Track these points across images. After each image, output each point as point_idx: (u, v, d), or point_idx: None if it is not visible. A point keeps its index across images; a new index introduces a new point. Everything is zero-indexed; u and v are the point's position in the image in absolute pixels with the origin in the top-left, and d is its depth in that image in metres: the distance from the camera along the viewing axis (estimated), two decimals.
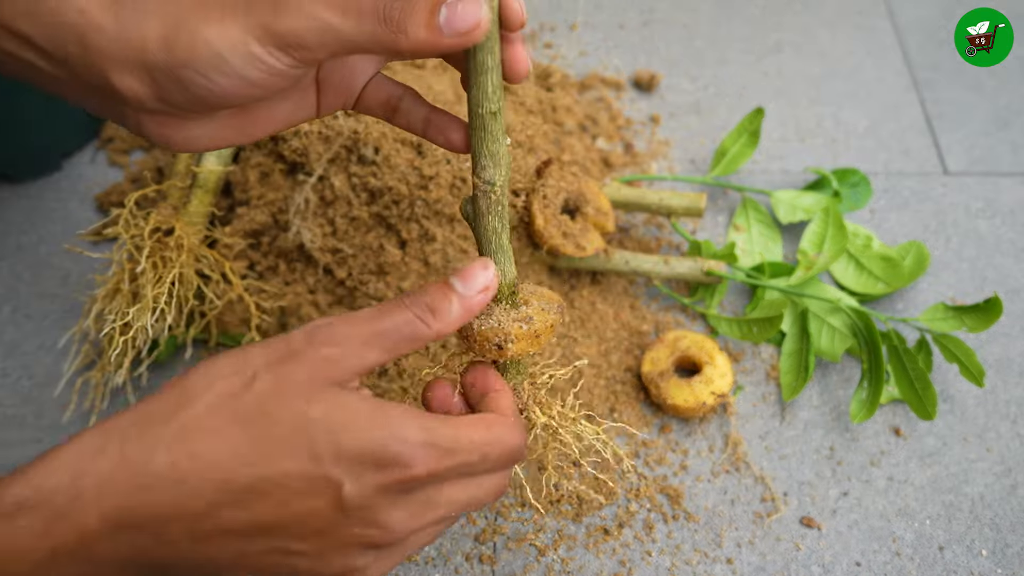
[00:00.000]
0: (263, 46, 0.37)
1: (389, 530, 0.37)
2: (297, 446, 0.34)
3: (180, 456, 0.34)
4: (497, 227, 0.44)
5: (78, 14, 0.37)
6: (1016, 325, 0.69)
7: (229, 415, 0.34)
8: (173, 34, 0.37)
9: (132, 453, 0.34)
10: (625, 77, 0.85)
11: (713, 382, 0.63)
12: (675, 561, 0.58)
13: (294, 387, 0.35)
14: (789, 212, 0.73)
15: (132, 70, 0.38)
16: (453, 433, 0.37)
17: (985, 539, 0.59)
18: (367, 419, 0.35)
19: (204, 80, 0.37)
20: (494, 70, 0.39)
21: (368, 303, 0.64)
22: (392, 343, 0.38)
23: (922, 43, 0.88)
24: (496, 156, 0.42)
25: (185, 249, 0.60)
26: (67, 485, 0.33)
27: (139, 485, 0.33)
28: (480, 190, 0.42)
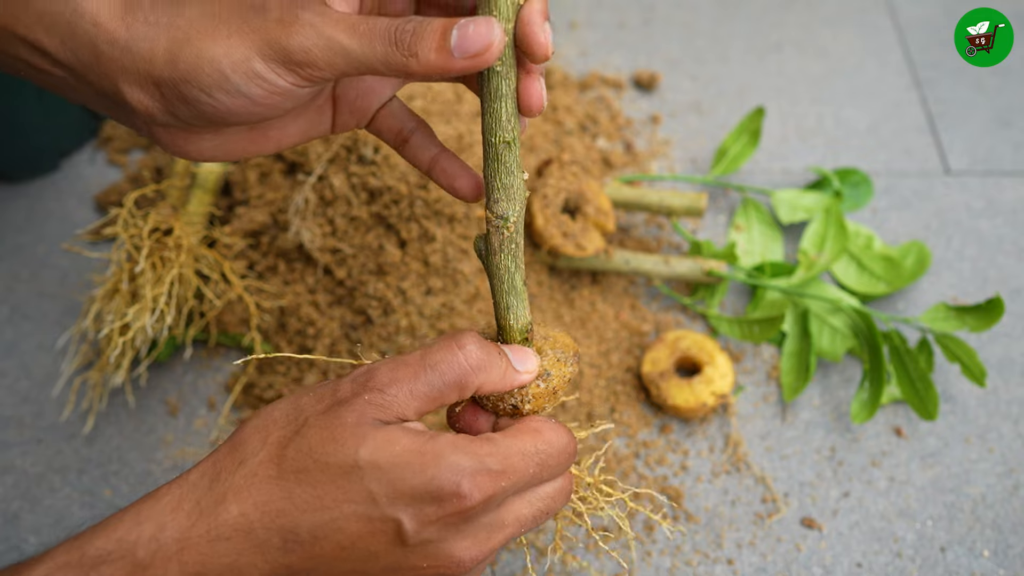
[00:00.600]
0: (267, 63, 0.36)
1: (457, 560, 0.37)
2: (352, 490, 0.35)
3: (247, 506, 0.35)
4: (510, 266, 0.41)
5: (92, 25, 0.38)
6: (1018, 325, 0.69)
7: (286, 464, 0.36)
8: (178, 49, 0.37)
9: (206, 505, 0.35)
10: (625, 76, 0.85)
11: (714, 382, 0.63)
12: (675, 562, 0.58)
13: (343, 430, 0.36)
14: (790, 212, 0.73)
15: (141, 83, 0.38)
16: (504, 452, 0.38)
17: (987, 540, 0.58)
18: (417, 455, 0.36)
19: (207, 97, 0.37)
20: (508, 97, 0.37)
21: (368, 303, 0.64)
22: (437, 392, 0.38)
23: (923, 42, 0.88)
24: (510, 190, 0.39)
25: (184, 249, 0.59)
26: (148, 538, 0.34)
27: (215, 536, 0.35)
28: (492, 225, 0.40)
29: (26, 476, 0.61)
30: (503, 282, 0.42)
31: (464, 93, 0.73)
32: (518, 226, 0.40)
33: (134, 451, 0.62)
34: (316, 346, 0.64)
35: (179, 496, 0.36)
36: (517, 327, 0.43)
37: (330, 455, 0.35)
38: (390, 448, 0.36)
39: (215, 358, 0.67)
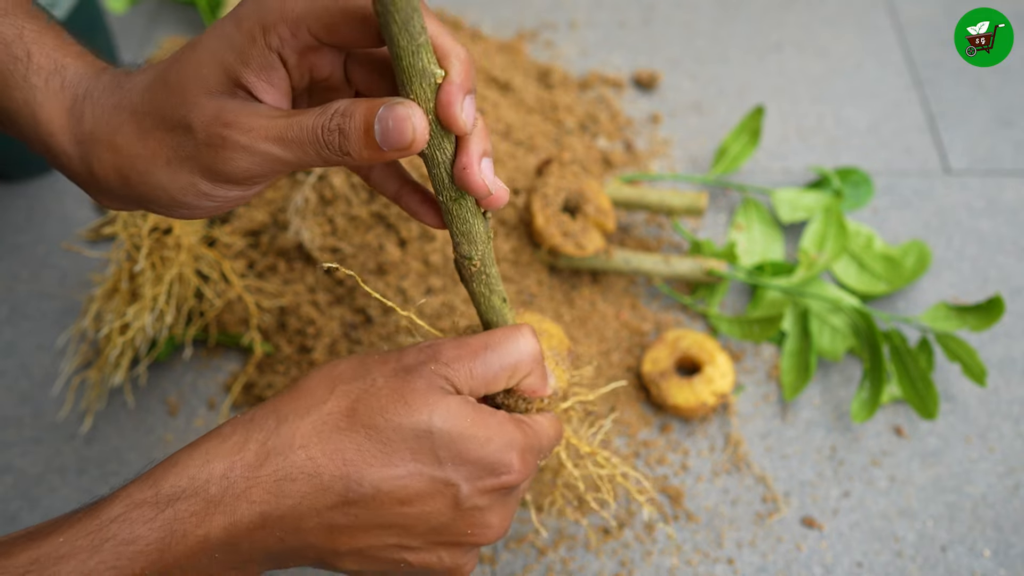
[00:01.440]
0: (212, 183, 0.37)
1: (490, 529, 0.40)
2: (421, 451, 0.37)
3: (316, 452, 0.36)
4: (485, 292, 0.43)
5: (48, 136, 0.39)
6: (1018, 324, 0.69)
7: (357, 419, 0.37)
8: (127, 173, 0.38)
9: (273, 446, 0.36)
10: (626, 76, 0.85)
11: (714, 382, 0.63)
12: (676, 561, 0.58)
13: (415, 395, 0.38)
14: (790, 211, 0.73)
15: (103, 194, 0.39)
16: (537, 434, 0.41)
17: (987, 539, 0.58)
18: (483, 428, 0.38)
19: (167, 211, 0.39)
20: (445, 164, 0.37)
21: (368, 303, 0.64)
22: (492, 377, 0.41)
23: (924, 41, 0.88)
24: (469, 235, 0.40)
25: (184, 248, 0.59)
26: (219, 476, 0.36)
27: (283, 476, 0.36)
28: (459, 263, 0.42)
29: (25, 476, 0.61)
30: (480, 304, 0.44)
31: None
32: (484, 261, 0.42)
33: (133, 451, 0.62)
34: (316, 345, 0.64)
35: (245, 436, 0.37)
36: None
37: (403, 416, 0.37)
38: (462, 419, 0.38)
39: (215, 358, 0.67)
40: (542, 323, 0.49)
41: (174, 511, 0.35)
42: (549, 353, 0.46)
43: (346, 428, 0.37)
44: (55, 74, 0.38)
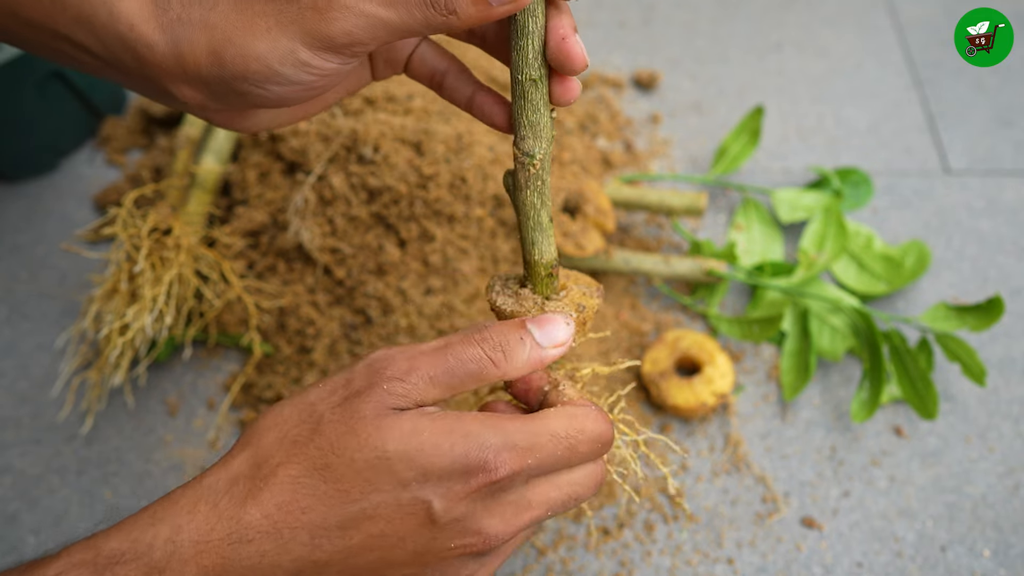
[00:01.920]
0: (313, 51, 0.37)
1: (485, 536, 0.37)
2: (379, 480, 0.35)
3: (270, 508, 0.35)
4: (536, 203, 0.42)
5: (128, 29, 0.38)
6: (1018, 324, 0.69)
7: (307, 464, 0.36)
8: (221, 49, 0.37)
9: (225, 508, 0.35)
10: (625, 76, 0.85)
11: (714, 382, 0.63)
12: (675, 561, 0.58)
13: (363, 424, 0.36)
14: (790, 211, 0.73)
15: (189, 82, 0.38)
16: (532, 429, 0.38)
17: (987, 539, 0.58)
18: (445, 436, 0.36)
19: (259, 90, 0.38)
20: (535, 35, 0.38)
21: (368, 303, 0.64)
22: (458, 380, 0.38)
23: (924, 41, 0.88)
24: (536, 127, 0.40)
25: (183, 249, 0.59)
26: (164, 540, 0.34)
27: (237, 539, 0.35)
28: (519, 162, 0.41)
29: (25, 477, 0.61)
30: (529, 218, 0.42)
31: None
32: (544, 163, 0.41)
33: (133, 451, 0.62)
34: (316, 346, 0.64)
35: (194, 499, 0.35)
36: (543, 262, 0.43)
37: (353, 450, 0.36)
38: (417, 435, 0.36)
39: (214, 358, 0.67)
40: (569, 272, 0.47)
41: (112, 574, 0.34)
42: (572, 284, 0.44)
43: (298, 475, 0.35)
44: None
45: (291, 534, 0.35)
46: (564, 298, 0.43)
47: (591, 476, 0.41)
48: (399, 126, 0.65)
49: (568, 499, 0.40)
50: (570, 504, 0.40)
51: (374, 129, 0.64)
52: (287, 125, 0.44)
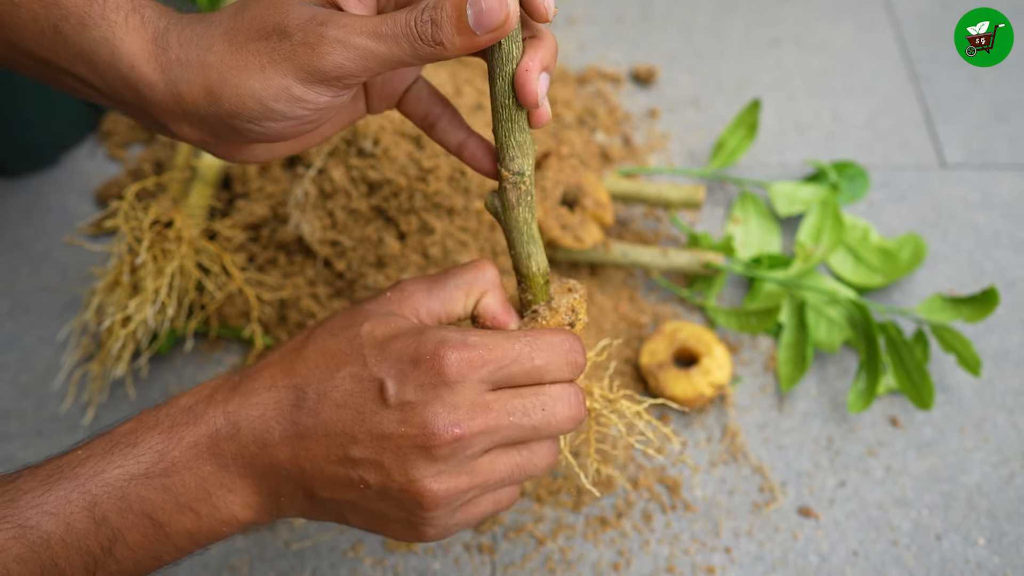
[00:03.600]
0: (306, 86, 0.38)
1: (431, 429, 0.38)
2: (353, 356, 0.40)
3: (275, 372, 0.41)
4: (528, 217, 0.43)
5: (129, 69, 0.39)
6: (1013, 316, 0.69)
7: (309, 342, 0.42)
8: (218, 88, 0.38)
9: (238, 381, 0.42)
10: (623, 71, 0.86)
11: (711, 373, 0.63)
12: (674, 551, 0.58)
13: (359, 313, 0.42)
14: (787, 204, 0.73)
15: (187, 121, 0.40)
16: (494, 336, 0.40)
17: (982, 528, 0.59)
18: (409, 329, 0.41)
19: (255, 127, 0.39)
20: (519, 59, 0.39)
21: (367, 295, 0.64)
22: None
23: (920, 36, 0.89)
24: (523, 146, 0.41)
25: (185, 241, 0.60)
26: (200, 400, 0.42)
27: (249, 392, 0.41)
28: (509, 182, 0.42)
29: None
30: (523, 234, 0.44)
31: (464, 86, 0.73)
32: (531, 179, 0.42)
33: None
34: None
35: (213, 385, 0.42)
36: (540, 272, 0.45)
37: (345, 329, 0.41)
38: (391, 324, 0.41)
39: (216, 350, 0.67)
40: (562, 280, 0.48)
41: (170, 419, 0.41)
42: (558, 280, 0.46)
43: (300, 348, 0.42)
44: (133, 12, 0.39)
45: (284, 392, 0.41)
46: (560, 307, 0.45)
47: (561, 396, 0.41)
48: (399, 119, 0.66)
49: (529, 409, 0.40)
50: (535, 416, 0.40)
51: (374, 123, 0.65)
52: (285, 156, 0.46)
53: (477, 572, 0.57)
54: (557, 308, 0.44)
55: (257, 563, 0.58)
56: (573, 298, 0.45)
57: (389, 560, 0.58)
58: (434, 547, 0.58)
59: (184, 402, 0.41)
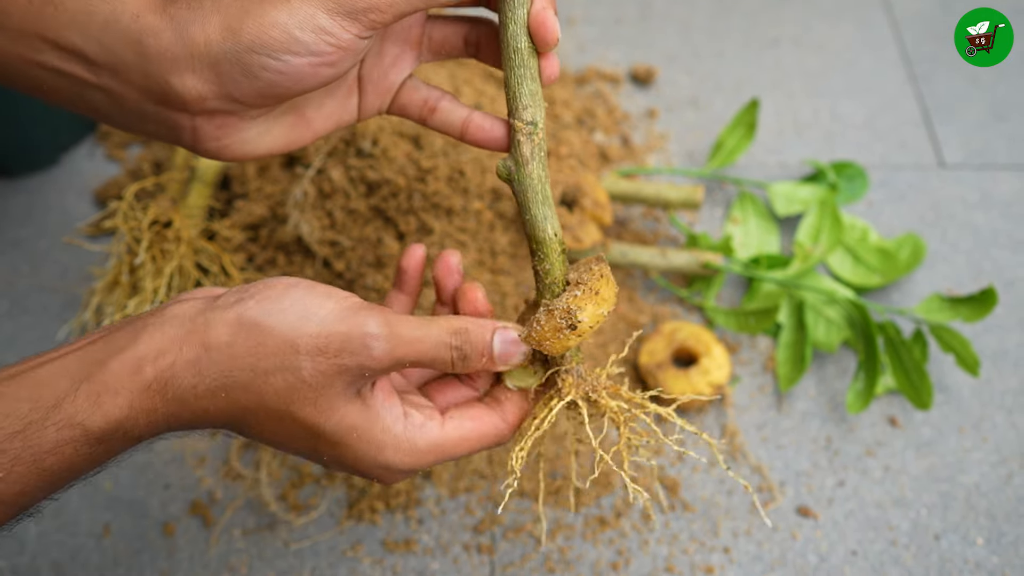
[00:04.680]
0: (331, 16, 0.38)
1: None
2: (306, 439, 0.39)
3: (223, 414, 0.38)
4: (542, 175, 0.41)
5: (132, 19, 0.38)
6: (1011, 316, 0.69)
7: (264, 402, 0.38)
8: (238, 23, 0.38)
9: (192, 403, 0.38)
10: (623, 71, 0.86)
11: (710, 373, 0.63)
12: (672, 550, 0.58)
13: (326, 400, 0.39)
14: (786, 204, 0.73)
15: (194, 68, 0.39)
16: (435, 459, 0.41)
17: (980, 528, 0.59)
18: (366, 444, 0.39)
19: (275, 62, 0.38)
20: (529, 2, 0.39)
21: (367, 295, 0.64)
22: (418, 366, 0.40)
23: (919, 36, 0.89)
24: (536, 96, 0.40)
25: (184, 241, 0.60)
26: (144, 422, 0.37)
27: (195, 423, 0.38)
28: (523, 133, 0.41)
29: None
30: (537, 192, 0.41)
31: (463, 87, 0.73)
32: (544, 134, 0.41)
33: None
34: None
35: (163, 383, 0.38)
36: (557, 238, 0.42)
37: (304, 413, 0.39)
38: (350, 434, 0.39)
39: None
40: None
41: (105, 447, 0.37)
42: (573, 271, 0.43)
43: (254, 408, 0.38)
44: None
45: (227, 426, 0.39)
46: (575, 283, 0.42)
47: None
48: (397, 120, 0.66)
49: None
50: None
51: (372, 123, 0.65)
52: (274, 151, 0.44)
53: (476, 572, 0.57)
54: (552, 311, 0.41)
55: (256, 563, 0.58)
56: (573, 295, 0.41)
57: (388, 560, 0.58)
58: (432, 547, 0.58)
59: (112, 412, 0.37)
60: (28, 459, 0.36)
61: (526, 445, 0.43)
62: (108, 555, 0.58)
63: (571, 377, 0.43)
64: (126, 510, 0.60)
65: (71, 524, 0.59)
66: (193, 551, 0.58)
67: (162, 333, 0.38)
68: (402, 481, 0.45)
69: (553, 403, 0.43)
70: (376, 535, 0.59)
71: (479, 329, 0.41)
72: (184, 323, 0.38)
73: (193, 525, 0.59)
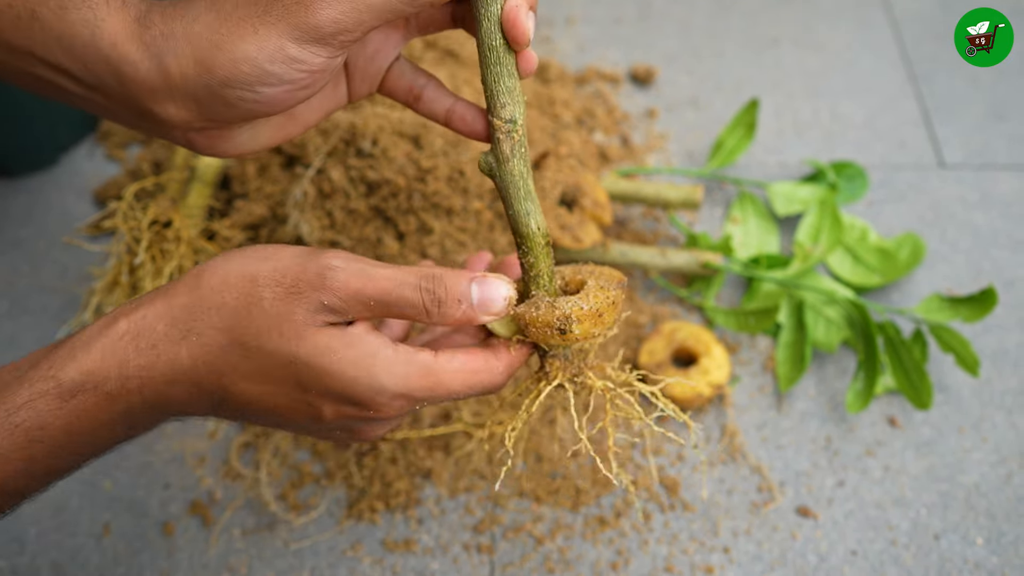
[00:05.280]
0: (301, 45, 0.38)
1: (367, 436, 0.43)
2: (287, 377, 0.39)
3: (198, 363, 0.39)
4: (523, 171, 0.42)
5: (111, 48, 0.39)
6: (1011, 316, 0.69)
7: (234, 337, 0.39)
8: (210, 58, 0.38)
9: (163, 349, 0.39)
10: (622, 71, 0.86)
11: (710, 373, 0.63)
12: (672, 550, 0.58)
13: (291, 326, 0.38)
14: (786, 204, 0.73)
15: (174, 98, 0.39)
16: (431, 385, 0.40)
17: (980, 528, 0.59)
18: (350, 365, 0.39)
19: (250, 94, 0.39)
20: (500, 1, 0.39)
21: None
22: (391, 314, 0.40)
23: (919, 36, 0.89)
24: (514, 93, 0.40)
25: (183, 241, 0.60)
26: (116, 374, 0.39)
27: (170, 380, 0.39)
28: (502, 131, 0.41)
29: None
30: (519, 189, 0.42)
31: (462, 87, 0.73)
32: (524, 130, 0.41)
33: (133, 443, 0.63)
34: None
35: (135, 333, 0.39)
36: (540, 232, 0.43)
37: (275, 343, 0.38)
38: (329, 355, 0.38)
39: None
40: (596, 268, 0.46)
41: (77, 402, 0.38)
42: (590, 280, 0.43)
43: (224, 344, 0.39)
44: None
45: (209, 387, 0.40)
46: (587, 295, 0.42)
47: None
48: (397, 120, 0.66)
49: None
50: None
51: (372, 123, 0.65)
52: (267, 148, 0.45)
53: (476, 572, 0.57)
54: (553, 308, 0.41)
55: (256, 563, 0.58)
56: (579, 307, 0.41)
57: (388, 560, 0.58)
58: (432, 547, 0.58)
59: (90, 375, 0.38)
60: (1, 416, 0.37)
61: (518, 425, 0.44)
62: (108, 555, 0.58)
63: (558, 361, 0.44)
64: (126, 510, 0.60)
65: (71, 524, 0.59)
66: (193, 551, 0.58)
67: (138, 299, 0.40)
68: (400, 421, 0.43)
69: (542, 386, 0.44)
70: (376, 535, 0.59)
71: (454, 276, 0.40)
72: (157, 289, 0.40)
73: (193, 525, 0.59)
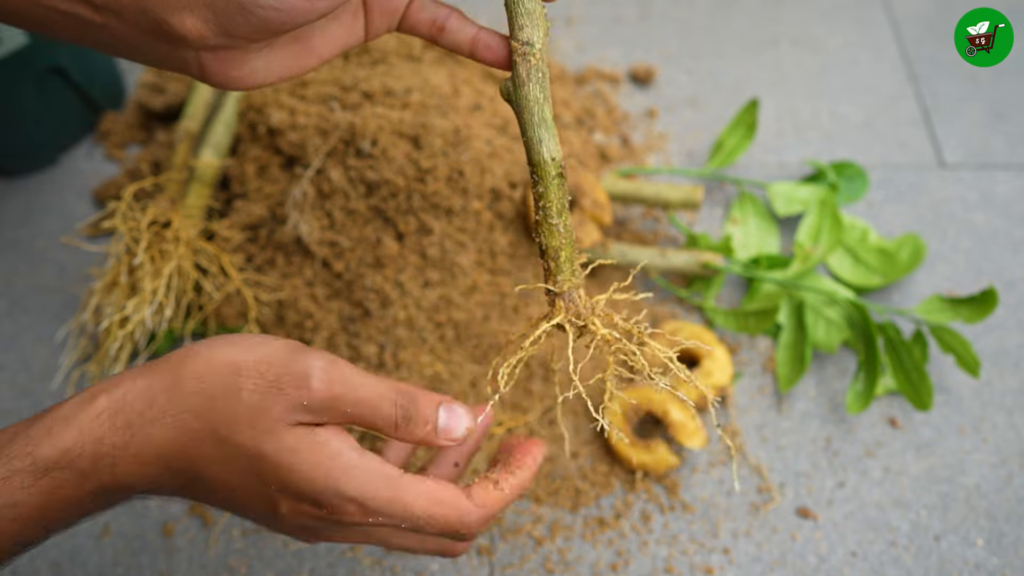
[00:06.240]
0: None
1: (325, 538, 0.43)
2: (251, 470, 0.40)
3: (170, 445, 0.40)
4: (539, 97, 0.41)
5: None
6: (1012, 317, 0.69)
7: (208, 422, 0.39)
8: None
9: (138, 430, 0.39)
10: (622, 71, 0.86)
11: (712, 375, 0.63)
12: (672, 551, 0.58)
13: (263, 419, 0.39)
14: (786, 205, 0.73)
15: (191, 8, 0.39)
16: (389, 498, 0.40)
17: (980, 529, 0.59)
18: (311, 468, 0.39)
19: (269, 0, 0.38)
20: None
21: (366, 296, 0.64)
22: (361, 423, 0.41)
23: (919, 36, 0.89)
24: (533, 15, 0.40)
25: (183, 242, 0.60)
26: (90, 452, 0.39)
27: (142, 461, 0.40)
28: (519, 54, 0.40)
29: None
30: (533, 114, 0.41)
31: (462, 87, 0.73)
32: (543, 54, 0.40)
33: None
34: (314, 339, 0.64)
35: (113, 411, 0.39)
36: (552, 161, 0.42)
37: (244, 435, 0.39)
38: (293, 456, 0.39)
39: None
40: None
41: (50, 479, 0.38)
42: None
43: (197, 429, 0.39)
44: None
45: (179, 468, 0.40)
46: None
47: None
48: (397, 120, 0.66)
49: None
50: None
51: (372, 123, 0.65)
52: (281, 79, 0.44)
53: (475, 573, 0.57)
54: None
55: (256, 563, 0.58)
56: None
57: (387, 560, 0.58)
58: None
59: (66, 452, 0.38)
60: None
61: (513, 362, 0.43)
62: (107, 555, 0.58)
63: (562, 301, 0.43)
64: (125, 510, 0.60)
65: None
66: (192, 551, 0.58)
67: (120, 375, 0.40)
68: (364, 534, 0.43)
69: (542, 323, 0.43)
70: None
71: (427, 398, 0.42)
72: (142, 366, 0.41)
73: (192, 525, 0.59)
